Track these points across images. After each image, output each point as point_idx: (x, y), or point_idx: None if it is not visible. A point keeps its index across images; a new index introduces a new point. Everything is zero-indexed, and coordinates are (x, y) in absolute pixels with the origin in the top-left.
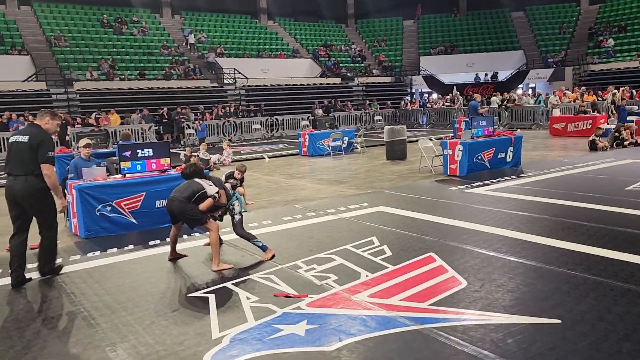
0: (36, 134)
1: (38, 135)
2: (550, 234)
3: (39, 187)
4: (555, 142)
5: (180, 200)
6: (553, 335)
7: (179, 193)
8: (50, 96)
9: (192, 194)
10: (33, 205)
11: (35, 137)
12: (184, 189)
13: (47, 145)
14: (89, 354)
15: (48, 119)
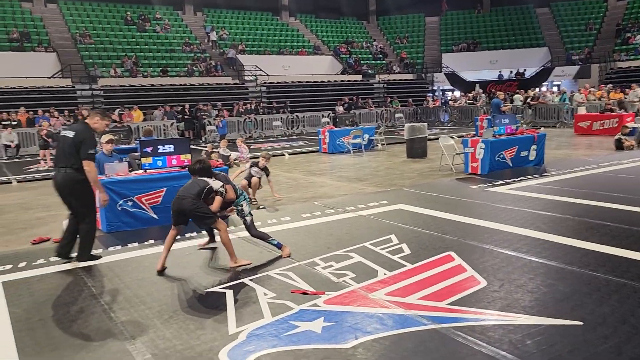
0: (81, 131)
1: (82, 133)
2: (573, 234)
3: (76, 179)
4: (580, 141)
5: (191, 197)
6: (574, 337)
7: (187, 191)
8: (75, 92)
9: (200, 190)
10: (68, 196)
11: (80, 135)
12: (190, 186)
13: (88, 143)
14: (109, 346)
15: (97, 118)
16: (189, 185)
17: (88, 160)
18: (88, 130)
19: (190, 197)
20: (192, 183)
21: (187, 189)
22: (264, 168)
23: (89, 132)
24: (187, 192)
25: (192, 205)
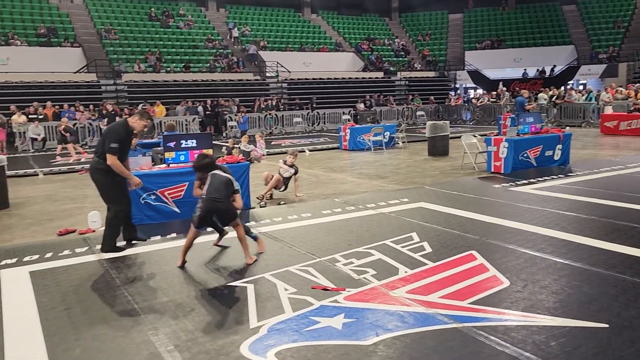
0: (111, 126)
1: (109, 127)
2: (599, 235)
3: (98, 167)
4: (606, 141)
5: (225, 198)
6: (599, 340)
7: (218, 193)
8: (100, 87)
9: (229, 190)
10: (93, 181)
11: (107, 128)
12: (220, 187)
13: (110, 137)
14: (133, 337)
15: (136, 118)
16: (218, 186)
17: (109, 154)
18: (116, 125)
19: (224, 198)
20: (219, 182)
21: (218, 190)
22: (292, 165)
23: (115, 127)
24: (219, 193)
25: (226, 207)
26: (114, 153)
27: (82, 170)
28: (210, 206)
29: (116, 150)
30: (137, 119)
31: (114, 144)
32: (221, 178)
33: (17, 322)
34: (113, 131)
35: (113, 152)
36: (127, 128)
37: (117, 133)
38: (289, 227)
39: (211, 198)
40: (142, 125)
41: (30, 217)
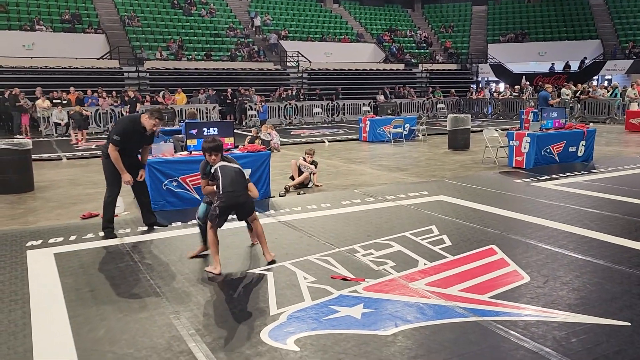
0: (122, 118)
1: (120, 119)
2: (622, 233)
3: (104, 152)
4: (632, 138)
5: (244, 190)
6: (621, 338)
7: (236, 186)
8: (122, 74)
9: (245, 180)
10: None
11: (119, 119)
12: (235, 178)
13: (115, 129)
14: (155, 320)
15: (147, 116)
16: (234, 177)
17: (110, 143)
18: (127, 118)
19: (244, 191)
20: (234, 175)
21: (234, 183)
22: (312, 162)
23: (124, 120)
24: (237, 186)
25: (246, 199)
26: (114, 144)
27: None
28: (231, 202)
29: (117, 142)
30: (147, 117)
31: (116, 136)
32: (233, 169)
33: (43, 302)
34: (120, 123)
35: (114, 143)
36: (137, 124)
37: (123, 126)
38: (309, 216)
39: (230, 193)
40: (151, 125)
41: (54, 200)
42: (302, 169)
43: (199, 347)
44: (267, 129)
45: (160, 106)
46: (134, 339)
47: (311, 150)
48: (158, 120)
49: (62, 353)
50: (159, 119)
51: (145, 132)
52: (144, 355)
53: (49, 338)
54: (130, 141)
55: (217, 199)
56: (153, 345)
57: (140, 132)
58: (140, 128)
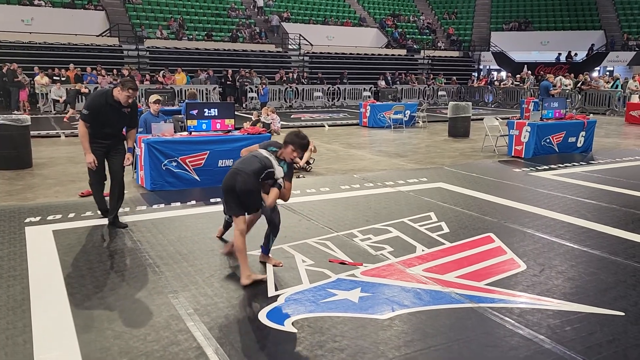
0: (93, 92)
1: (91, 93)
2: (619, 224)
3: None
4: (631, 130)
5: (247, 174)
6: (614, 327)
7: (244, 165)
8: (122, 52)
9: (261, 168)
10: None
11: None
12: (250, 160)
13: (85, 103)
14: (154, 299)
15: (118, 89)
16: (249, 159)
17: (80, 119)
18: (97, 92)
19: (246, 173)
20: (251, 158)
21: (245, 162)
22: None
23: (95, 94)
24: (244, 165)
25: (243, 185)
26: (83, 119)
27: None
28: (229, 179)
29: (85, 117)
30: (119, 89)
31: (85, 110)
32: (259, 155)
33: (42, 278)
34: (90, 97)
35: (82, 117)
36: (109, 97)
37: (92, 100)
38: (308, 200)
39: (232, 170)
40: (125, 97)
41: (52, 178)
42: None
43: (197, 326)
44: (267, 112)
45: (158, 86)
46: (132, 317)
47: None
48: (132, 91)
49: (60, 328)
50: (132, 89)
51: (121, 109)
52: (142, 333)
53: (47, 314)
54: (103, 117)
55: None
56: (151, 324)
57: (115, 108)
58: (113, 102)
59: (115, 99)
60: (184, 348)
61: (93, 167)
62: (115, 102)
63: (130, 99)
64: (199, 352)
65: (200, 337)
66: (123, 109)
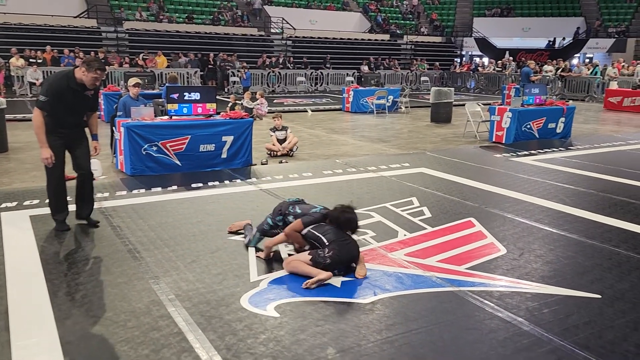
0: (50, 76)
1: (48, 77)
2: (596, 209)
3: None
4: (609, 116)
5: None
6: (590, 309)
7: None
8: (100, 34)
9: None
10: None
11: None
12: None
13: (42, 89)
14: (134, 284)
15: (84, 69)
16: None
17: (36, 107)
18: (55, 75)
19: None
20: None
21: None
22: (282, 128)
23: (53, 77)
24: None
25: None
26: (40, 107)
27: None
28: (354, 251)
29: (44, 104)
30: (84, 70)
31: (43, 97)
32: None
33: (18, 265)
34: (47, 81)
35: (40, 105)
36: (71, 80)
37: (52, 84)
38: (290, 185)
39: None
40: (91, 79)
41: (29, 162)
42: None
43: (178, 311)
44: (249, 96)
45: (138, 69)
46: (112, 303)
47: (278, 115)
48: (100, 72)
49: (39, 315)
50: (100, 70)
51: (84, 92)
52: (122, 319)
53: (25, 300)
54: (64, 104)
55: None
56: (132, 310)
57: (78, 92)
58: (76, 86)
59: (78, 82)
60: (165, 334)
61: (50, 164)
62: (78, 85)
63: (98, 82)
64: (180, 338)
65: (181, 323)
66: (86, 92)
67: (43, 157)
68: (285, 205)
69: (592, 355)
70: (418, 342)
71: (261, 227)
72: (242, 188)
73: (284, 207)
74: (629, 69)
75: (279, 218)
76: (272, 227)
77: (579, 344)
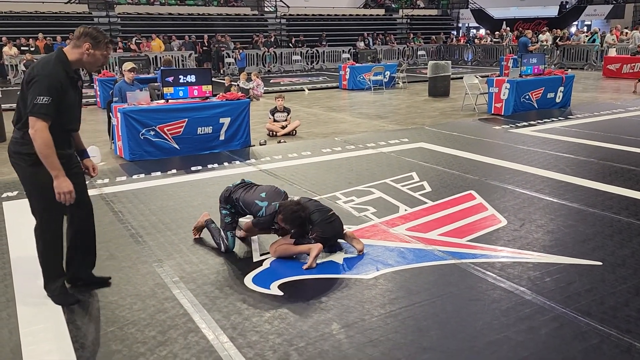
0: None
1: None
2: (597, 177)
3: (19, 151)
4: (608, 84)
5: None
6: (592, 276)
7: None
8: (92, 19)
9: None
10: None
11: (31, 71)
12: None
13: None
14: (138, 268)
15: (87, 46)
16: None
17: (34, 116)
18: (41, 67)
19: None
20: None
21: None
22: (283, 109)
23: (41, 70)
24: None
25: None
26: (44, 115)
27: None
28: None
29: (48, 109)
30: (87, 47)
31: (45, 98)
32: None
33: (22, 253)
34: (39, 73)
35: (43, 112)
36: (67, 64)
37: (48, 76)
38: (289, 164)
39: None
40: (99, 58)
41: None
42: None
43: (183, 293)
44: (244, 77)
45: (132, 53)
46: (117, 287)
47: (281, 96)
48: (110, 47)
49: (45, 301)
50: (110, 44)
51: (78, 82)
52: (128, 302)
53: (30, 287)
54: (66, 104)
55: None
56: (137, 293)
57: (75, 82)
58: (74, 73)
59: (72, 67)
60: (171, 315)
61: (70, 200)
62: (75, 72)
63: (106, 61)
64: (187, 319)
65: (187, 304)
66: (79, 81)
67: (63, 190)
68: (231, 192)
69: (594, 321)
70: (421, 314)
71: (225, 225)
72: (241, 169)
73: (231, 194)
74: (627, 35)
75: (229, 206)
76: (231, 216)
77: (581, 311)
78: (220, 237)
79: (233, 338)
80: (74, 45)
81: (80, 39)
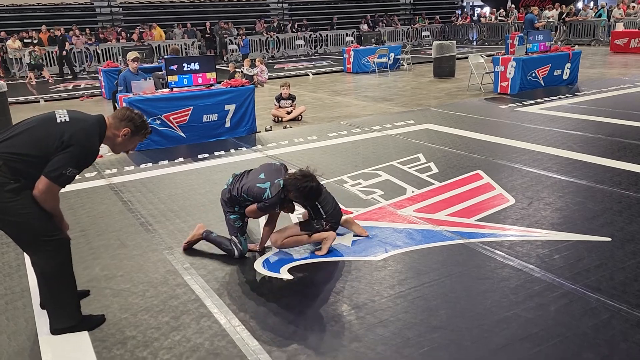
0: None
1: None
2: (605, 153)
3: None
4: (616, 59)
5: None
6: (601, 252)
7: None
8: (94, 10)
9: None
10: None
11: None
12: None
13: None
14: (149, 256)
15: (125, 132)
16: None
17: (51, 182)
18: (82, 136)
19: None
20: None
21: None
22: (288, 96)
23: (81, 139)
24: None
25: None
26: (61, 184)
27: (82, 97)
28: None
29: (67, 180)
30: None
31: (71, 170)
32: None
33: None
34: (79, 145)
35: (62, 182)
36: (101, 139)
37: (87, 151)
38: (296, 149)
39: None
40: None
41: None
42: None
43: (194, 279)
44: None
45: (136, 43)
46: (129, 275)
47: (286, 84)
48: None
49: None
50: (148, 133)
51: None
52: (140, 290)
53: None
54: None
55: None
56: (149, 280)
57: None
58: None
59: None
60: (183, 301)
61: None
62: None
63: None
64: (199, 304)
65: (198, 290)
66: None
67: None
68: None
69: (603, 296)
70: (431, 294)
71: (235, 229)
72: (248, 156)
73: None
74: (634, 9)
75: (236, 208)
76: (241, 219)
77: (591, 287)
78: (232, 243)
79: (245, 321)
80: (112, 125)
81: (123, 122)
